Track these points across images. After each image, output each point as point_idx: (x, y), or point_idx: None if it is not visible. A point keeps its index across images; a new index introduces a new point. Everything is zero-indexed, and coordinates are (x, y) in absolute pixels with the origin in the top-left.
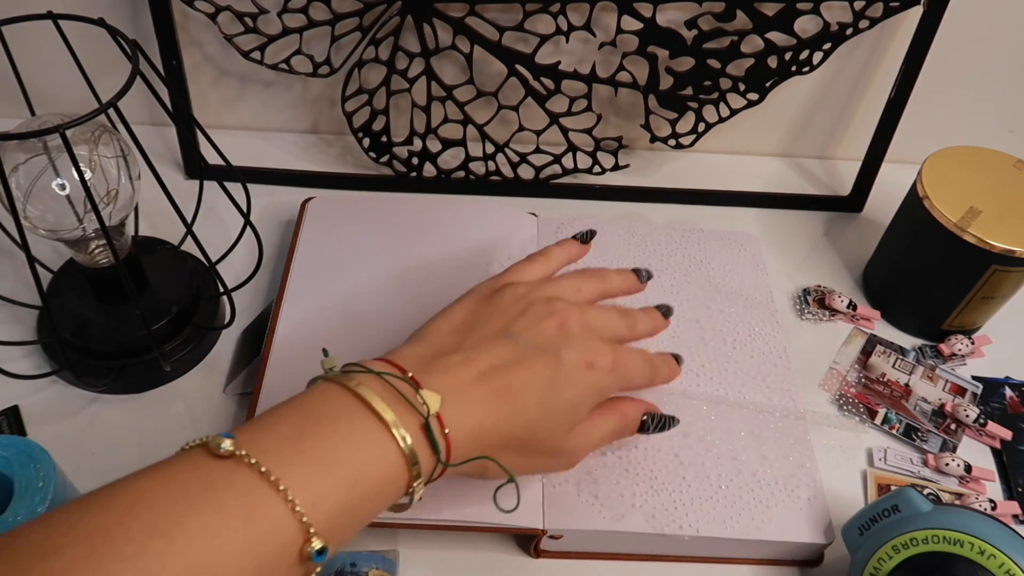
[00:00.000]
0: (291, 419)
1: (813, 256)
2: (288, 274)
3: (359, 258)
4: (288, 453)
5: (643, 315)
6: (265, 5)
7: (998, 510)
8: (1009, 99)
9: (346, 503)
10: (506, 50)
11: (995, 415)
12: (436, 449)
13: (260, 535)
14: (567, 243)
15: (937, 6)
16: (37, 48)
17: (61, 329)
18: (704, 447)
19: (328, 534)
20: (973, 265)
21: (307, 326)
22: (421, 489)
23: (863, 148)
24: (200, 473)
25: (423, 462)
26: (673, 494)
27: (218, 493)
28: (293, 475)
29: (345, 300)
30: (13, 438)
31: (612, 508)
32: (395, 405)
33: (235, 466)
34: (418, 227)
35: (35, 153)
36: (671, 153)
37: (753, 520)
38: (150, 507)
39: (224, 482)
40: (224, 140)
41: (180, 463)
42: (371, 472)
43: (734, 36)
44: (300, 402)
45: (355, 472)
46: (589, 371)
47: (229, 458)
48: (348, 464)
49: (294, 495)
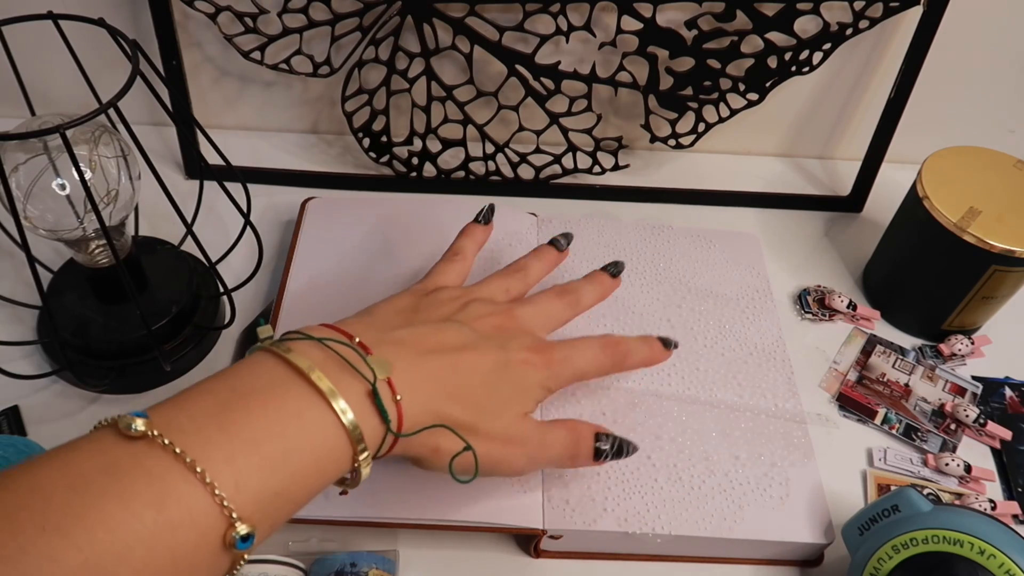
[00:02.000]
0: (215, 393)
1: (813, 256)
2: (288, 274)
3: (359, 258)
4: (208, 431)
5: (586, 285)
6: (265, 5)
7: (998, 510)
8: (1009, 99)
9: (276, 484)
10: (506, 50)
11: (995, 415)
12: (385, 417)
13: (172, 523)
14: (470, 229)
15: (937, 6)
16: (37, 48)
17: (61, 329)
18: (705, 448)
19: (255, 518)
20: (973, 265)
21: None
22: (368, 464)
23: (863, 148)
24: (106, 457)
25: (369, 433)
26: (674, 495)
27: (124, 478)
28: (213, 455)
29: (345, 300)
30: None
31: (613, 508)
32: (335, 373)
33: (147, 448)
34: (418, 227)
35: (35, 153)
36: (671, 153)
37: (755, 520)
38: (46, 497)
39: (132, 466)
40: (224, 140)
41: (86, 445)
42: (304, 448)
43: (734, 36)
44: (227, 375)
45: (285, 449)
46: (528, 367)
47: (140, 439)
48: (277, 440)
49: (213, 477)
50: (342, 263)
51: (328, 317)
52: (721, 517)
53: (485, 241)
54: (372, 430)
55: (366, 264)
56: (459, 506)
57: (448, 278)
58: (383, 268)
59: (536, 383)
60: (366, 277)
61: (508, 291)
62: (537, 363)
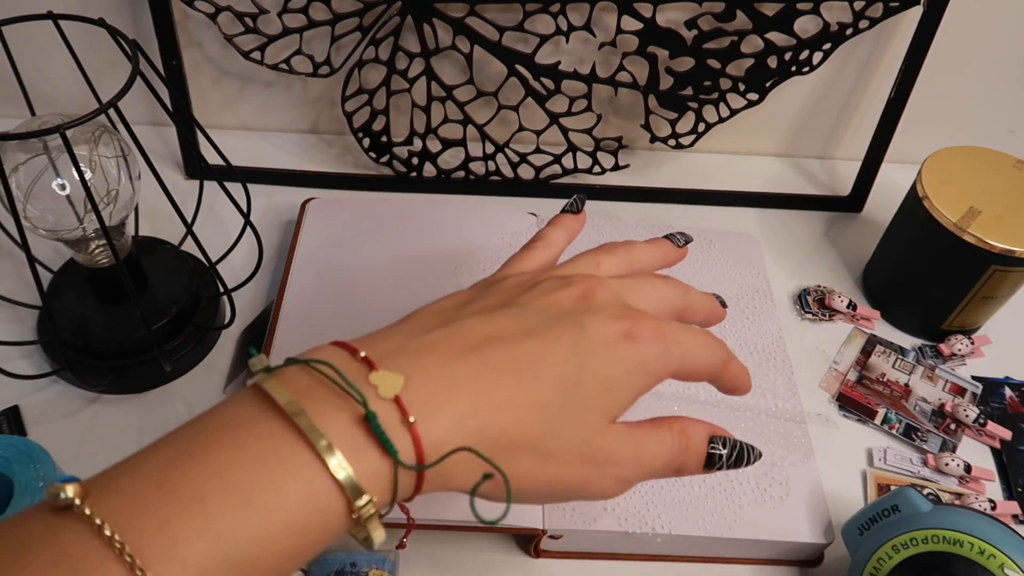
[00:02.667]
0: (173, 443)
1: (813, 256)
2: (288, 274)
3: (359, 258)
4: (145, 491)
5: (696, 291)
6: (265, 5)
7: (998, 510)
8: (1009, 99)
9: (230, 551)
10: (506, 50)
11: (995, 415)
12: (389, 448)
13: None
14: (561, 219)
15: (937, 6)
16: (37, 48)
17: (61, 329)
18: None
19: None
20: (973, 265)
21: (307, 326)
22: (374, 515)
23: (863, 148)
24: (22, 531)
25: (371, 473)
26: (674, 494)
27: (34, 560)
28: (144, 523)
29: (345, 300)
30: (13, 438)
31: (613, 507)
32: (321, 401)
33: (71, 523)
34: (418, 227)
35: (35, 153)
36: (671, 153)
37: (755, 520)
38: None
39: (46, 545)
40: (224, 140)
41: (17, 517)
42: (272, 503)
43: (734, 36)
44: (197, 418)
45: (243, 503)
46: (627, 342)
47: (67, 511)
48: (232, 494)
49: (138, 552)
50: (342, 263)
51: (328, 318)
52: (721, 517)
53: (577, 233)
54: (375, 468)
55: (366, 264)
56: (459, 506)
57: (524, 266)
58: (383, 268)
59: (638, 364)
60: (366, 277)
61: (600, 265)
62: (640, 334)
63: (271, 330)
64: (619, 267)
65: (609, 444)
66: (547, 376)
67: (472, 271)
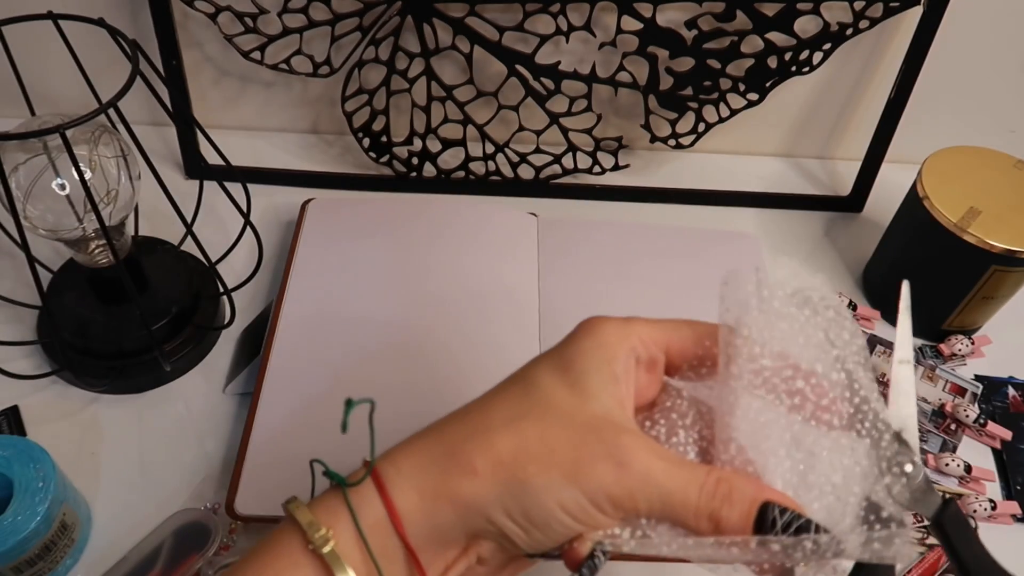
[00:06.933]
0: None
1: (813, 256)
2: (288, 274)
3: (359, 259)
4: None
5: None
6: (265, 5)
7: (998, 510)
8: (1009, 99)
9: None
10: (506, 50)
11: (997, 414)
12: (354, 515)
13: None
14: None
15: (937, 6)
16: (37, 48)
17: (61, 329)
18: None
19: None
20: (973, 265)
21: (307, 326)
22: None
23: (863, 148)
24: None
25: (350, 548)
26: None
27: None
28: None
29: (345, 300)
30: (13, 438)
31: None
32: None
33: None
34: (418, 227)
35: (35, 153)
36: (671, 153)
37: None
38: None
39: None
40: (224, 140)
41: None
42: None
43: (734, 36)
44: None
45: None
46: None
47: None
48: None
49: None
50: (342, 263)
51: (328, 319)
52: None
53: None
54: (350, 546)
55: (366, 264)
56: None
57: None
58: (383, 268)
59: (617, 351)
60: (366, 277)
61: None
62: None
63: (271, 330)
64: None
65: (616, 424)
66: (502, 415)
67: (472, 270)
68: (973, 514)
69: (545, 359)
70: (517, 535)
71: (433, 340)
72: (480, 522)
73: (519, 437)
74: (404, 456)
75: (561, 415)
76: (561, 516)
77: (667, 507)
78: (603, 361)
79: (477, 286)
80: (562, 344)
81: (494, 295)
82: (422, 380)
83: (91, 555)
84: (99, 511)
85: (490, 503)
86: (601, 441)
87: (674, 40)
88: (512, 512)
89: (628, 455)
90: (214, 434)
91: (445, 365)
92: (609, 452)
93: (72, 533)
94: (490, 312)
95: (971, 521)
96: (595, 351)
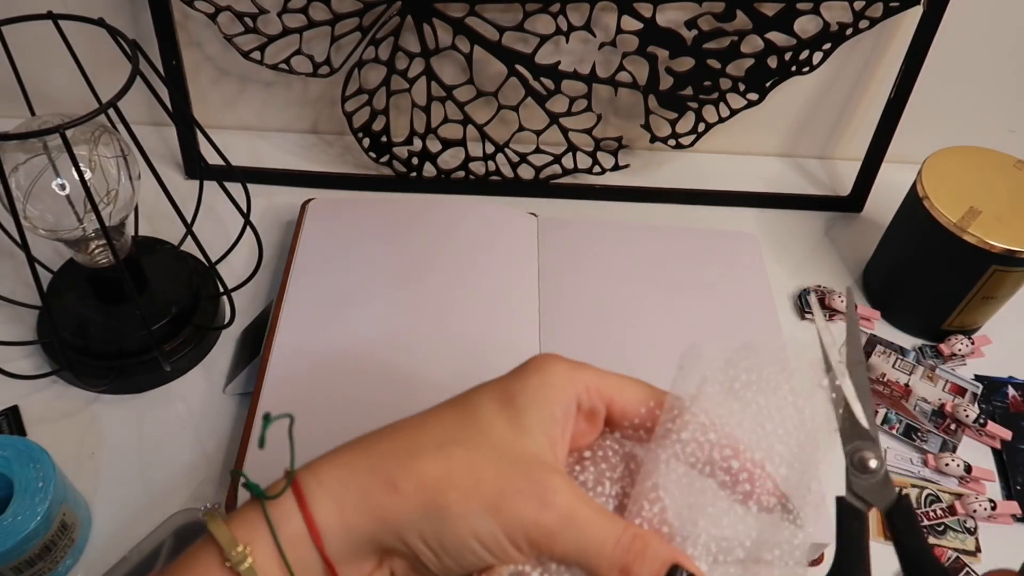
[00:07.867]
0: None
1: (813, 256)
2: (288, 274)
3: (359, 259)
4: None
5: None
6: (265, 5)
7: (998, 510)
8: (1009, 99)
9: None
10: (506, 50)
11: (997, 414)
12: (272, 529)
13: None
14: None
15: (937, 6)
16: (37, 48)
17: (61, 329)
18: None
19: None
20: (973, 265)
21: (307, 326)
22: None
23: (863, 148)
24: None
25: (269, 560)
26: None
27: None
28: None
29: (345, 300)
30: (13, 438)
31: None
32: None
33: None
34: (418, 227)
35: (35, 153)
36: (671, 153)
37: None
38: None
39: None
40: (224, 140)
41: None
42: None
43: (734, 36)
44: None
45: None
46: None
47: None
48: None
49: None
50: (342, 264)
51: (328, 319)
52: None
53: None
54: (268, 561)
55: (366, 264)
56: None
57: None
58: (383, 268)
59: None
60: (366, 277)
61: None
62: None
63: (271, 330)
64: None
65: (547, 464)
66: (439, 433)
67: (472, 270)
68: (973, 514)
69: (489, 388)
70: (429, 559)
71: (433, 340)
72: (394, 541)
73: (447, 462)
74: (327, 468)
75: (493, 446)
76: (475, 547)
77: (582, 553)
78: (546, 401)
79: (477, 286)
80: (509, 376)
81: (494, 295)
82: (421, 380)
83: (91, 555)
84: (99, 511)
85: (406, 524)
86: (528, 478)
87: (674, 40)
88: (427, 536)
89: (553, 496)
90: (214, 434)
91: (445, 365)
92: (535, 490)
93: (72, 533)
94: (490, 312)
95: (971, 520)
96: (540, 389)
